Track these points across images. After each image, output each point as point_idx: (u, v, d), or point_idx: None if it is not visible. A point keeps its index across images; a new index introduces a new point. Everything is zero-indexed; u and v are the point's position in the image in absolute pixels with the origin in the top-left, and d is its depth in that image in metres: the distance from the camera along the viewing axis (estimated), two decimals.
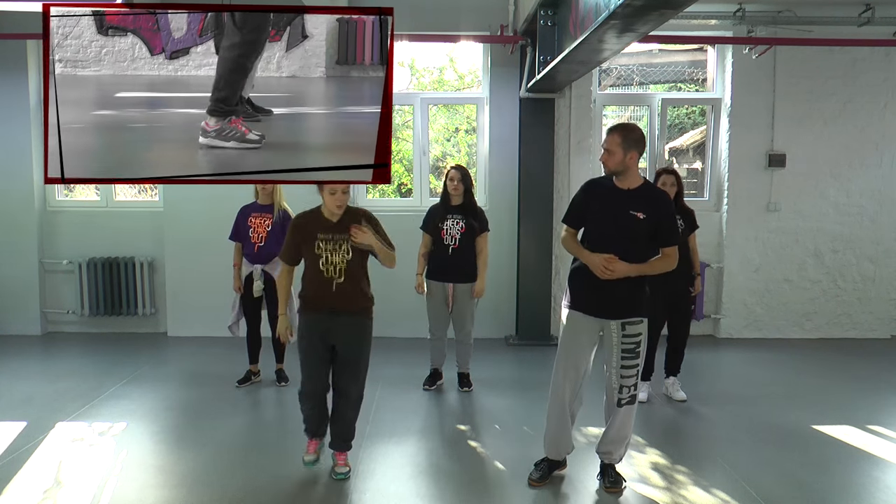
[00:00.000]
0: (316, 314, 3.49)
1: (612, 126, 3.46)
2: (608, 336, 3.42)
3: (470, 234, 4.89)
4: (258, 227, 5.02)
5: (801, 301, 6.88)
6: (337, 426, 3.63)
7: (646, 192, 3.37)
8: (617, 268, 3.25)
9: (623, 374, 3.40)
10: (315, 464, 3.67)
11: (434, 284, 4.99)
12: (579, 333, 3.44)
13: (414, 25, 6.54)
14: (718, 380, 5.65)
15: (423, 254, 5.02)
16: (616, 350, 3.39)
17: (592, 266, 3.30)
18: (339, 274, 3.43)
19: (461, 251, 4.88)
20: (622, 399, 3.43)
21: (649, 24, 3.62)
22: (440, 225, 4.91)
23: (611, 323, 3.39)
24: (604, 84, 7.24)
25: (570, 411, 3.52)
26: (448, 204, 4.95)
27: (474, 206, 4.98)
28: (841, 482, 3.63)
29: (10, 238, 6.82)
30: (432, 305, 5.06)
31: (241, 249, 5.09)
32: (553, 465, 3.60)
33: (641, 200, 3.33)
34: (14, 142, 6.75)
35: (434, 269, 4.98)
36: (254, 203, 5.13)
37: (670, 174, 4.81)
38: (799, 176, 6.77)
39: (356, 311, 3.51)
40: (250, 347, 5.26)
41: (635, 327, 3.39)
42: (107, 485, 3.51)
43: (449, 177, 4.96)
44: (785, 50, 6.53)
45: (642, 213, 3.29)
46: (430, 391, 5.11)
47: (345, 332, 3.49)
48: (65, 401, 4.82)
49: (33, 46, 6.82)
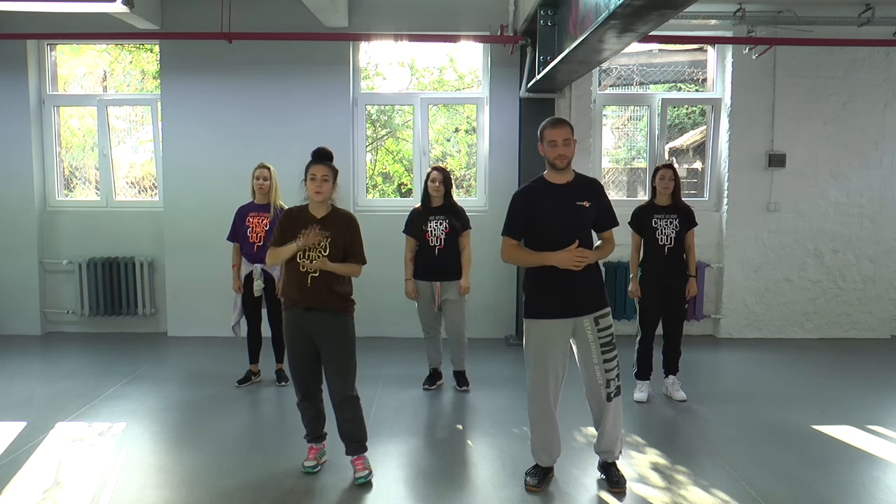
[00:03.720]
0: (295, 310, 3.54)
1: (556, 119, 3.58)
2: (582, 335, 3.41)
3: (453, 233, 4.94)
4: (256, 226, 5.02)
5: (801, 301, 6.88)
6: (342, 430, 3.61)
7: (582, 182, 3.50)
8: (586, 255, 3.30)
9: (607, 368, 3.42)
10: (315, 470, 3.66)
11: (421, 284, 5.02)
12: (553, 340, 3.40)
13: (414, 25, 6.56)
14: (718, 379, 5.65)
15: (410, 258, 5.04)
16: (594, 347, 3.40)
17: (562, 262, 3.30)
18: (315, 269, 3.47)
19: (447, 251, 4.93)
20: (610, 393, 3.44)
21: (649, 24, 3.63)
22: (423, 227, 4.95)
23: (583, 321, 3.39)
24: (604, 84, 7.24)
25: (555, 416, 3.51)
26: (429, 205, 4.99)
27: (455, 206, 5.02)
28: (841, 482, 3.62)
29: (10, 238, 6.82)
30: (422, 305, 5.08)
31: (240, 250, 5.09)
32: (545, 471, 3.58)
33: (582, 190, 3.44)
34: (14, 142, 6.76)
35: (421, 269, 5.00)
36: (251, 203, 5.13)
37: (668, 168, 4.83)
38: (799, 176, 6.77)
39: (333, 307, 3.53)
40: (250, 347, 5.26)
41: (606, 319, 3.44)
42: (107, 485, 3.51)
43: (430, 178, 4.99)
44: (785, 50, 6.53)
45: (587, 202, 3.41)
46: (429, 391, 5.11)
47: (324, 330, 3.52)
48: (65, 401, 4.82)
49: (33, 46, 6.82)
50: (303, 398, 3.65)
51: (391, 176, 8.25)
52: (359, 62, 6.92)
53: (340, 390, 3.55)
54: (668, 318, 4.86)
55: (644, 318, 4.88)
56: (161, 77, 6.73)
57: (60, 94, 7.08)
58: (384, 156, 8.25)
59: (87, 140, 7.33)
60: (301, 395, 3.64)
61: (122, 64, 7.53)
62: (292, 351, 3.59)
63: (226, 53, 6.46)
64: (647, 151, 7.08)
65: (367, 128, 7.16)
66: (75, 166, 7.38)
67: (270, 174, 5.09)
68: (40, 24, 6.44)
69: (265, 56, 6.59)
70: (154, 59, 7.11)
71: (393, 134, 8.24)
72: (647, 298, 4.84)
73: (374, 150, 8.08)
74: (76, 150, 7.40)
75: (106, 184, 7.01)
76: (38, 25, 6.47)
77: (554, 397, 3.47)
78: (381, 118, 8.03)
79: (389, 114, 7.98)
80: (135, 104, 7.26)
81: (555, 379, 3.44)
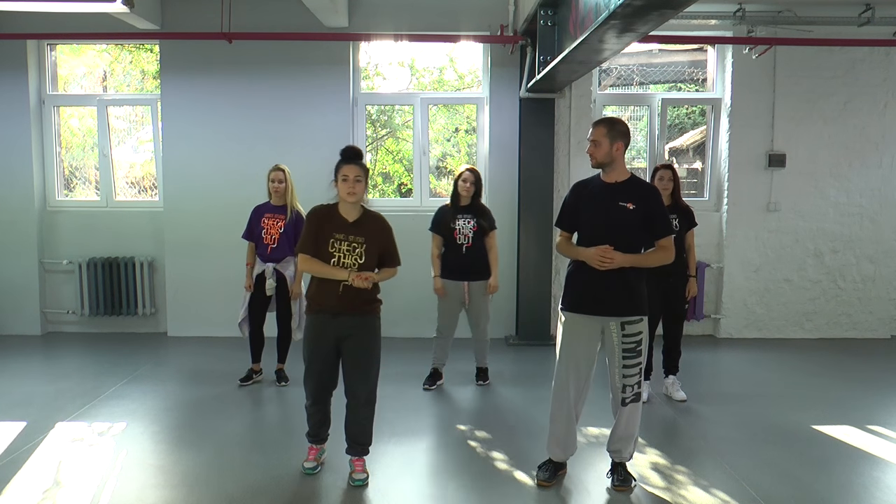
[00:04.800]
0: (323, 314, 3.46)
1: (598, 119, 3.53)
2: (608, 337, 3.42)
3: (481, 232, 4.98)
4: (271, 228, 5.03)
5: (801, 301, 6.88)
6: (351, 430, 3.58)
7: (633, 185, 3.43)
8: (614, 257, 3.27)
9: (626, 374, 3.41)
10: (315, 471, 3.63)
11: (450, 284, 5.03)
12: (580, 335, 3.44)
13: (414, 25, 6.55)
14: (718, 380, 5.65)
15: (437, 255, 5.07)
16: (617, 350, 3.40)
17: (589, 259, 3.32)
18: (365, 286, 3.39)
19: (474, 250, 4.97)
20: (626, 398, 3.44)
21: (649, 24, 3.62)
22: (452, 225, 4.98)
23: (610, 323, 3.39)
24: (604, 84, 7.24)
25: (576, 412, 3.52)
26: (458, 204, 5.02)
27: (482, 207, 5.08)
28: (841, 482, 3.62)
29: (10, 238, 6.82)
30: (445, 305, 5.09)
31: (255, 249, 5.09)
32: (557, 467, 3.59)
33: (629, 192, 3.39)
34: (14, 142, 6.75)
35: (449, 269, 5.03)
36: (267, 203, 5.13)
37: (667, 169, 4.83)
38: (799, 176, 6.77)
39: (363, 311, 3.48)
40: (253, 346, 5.25)
41: (635, 326, 3.40)
42: (107, 485, 3.51)
43: (462, 178, 5.02)
44: (785, 50, 6.53)
45: (632, 204, 3.35)
46: (429, 391, 5.11)
47: (352, 333, 3.46)
48: (65, 401, 4.82)
49: (33, 46, 6.82)
50: (314, 402, 3.58)
51: (391, 176, 8.25)
52: (359, 62, 6.92)
53: (363, 391, 3.51)
54: (668, 319, 4.86)
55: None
56: (161, 77, 6.73)
57: (60, 94, 7.07)
58: (384, 156, 8.25)
59: (87, 140, 7.33)
60: (312, 399, 3.58)
61: (122, 64, 7.53)
62: (314, 356, 3.50)
63: (226, 53, 6.46)
64: (647, 151, 7.08)
65: (367, 128, 7.16)
66: (75, 166, 7.38)
67: (286, 176, 5.08)
68: (40, 24, 6.43)
69: (265, 56, 6.59)
70: (154, 59, 7.11)
71: (393, 134, 8.24)
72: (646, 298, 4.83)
73: (374, 150, 8.09)
74: (76, 150, 7.40)
75: (106, 184, 7.01)
76: (38, 25, 6.47)
77: (576, 393, 3.47)
78: (381, 118, 8.03)
79: (389, 114, 7.98)
80: (135, 104, 7.26)
81: (576, 374, 3.44)
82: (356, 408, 3.55)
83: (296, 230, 4.94)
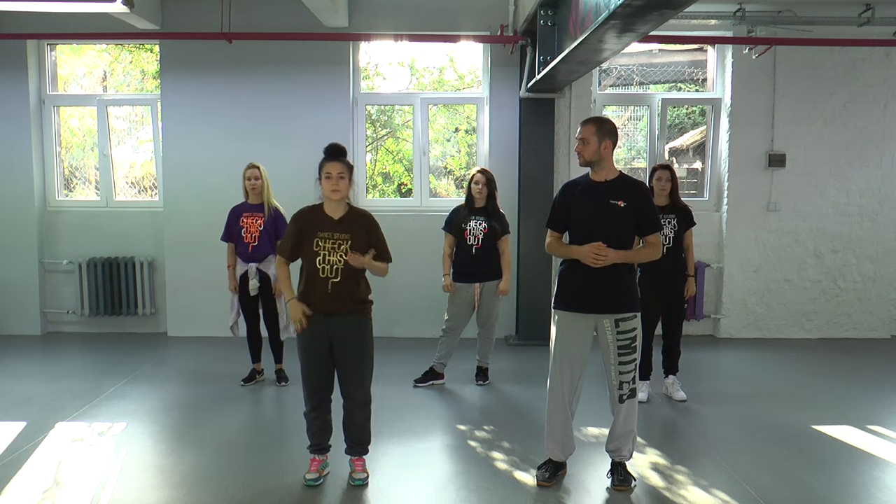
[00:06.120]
0: (315, 315, 3.43)
1: (586, 118, 3.55)
2: (602, 334, 3.44)
3: (492, 235, 5.01)
4: (250, 226, 5.02)
5: (801, 301, 6.88)
6: (349, 430, 3.57)
7: (623, 183, 3.46)
8: (607, 253, 3.29)
9: (621, 371, 3.43)
10: (317, 483, 3.53)
11: (461, 286, 5.06)
12: (572, 333, 3.45)
13: (414, 25, 6.55)
14: (718, 379, 5.65)
15: (448, 254, 5.11)
16: (612, 348, 3.42)
17: (582, 257, 3.33)
18: (335, 273, 3.37)
19: (484, 251, 4.99)
20: (623, 395, 3.45)
21: (649, 24, 3.63)
22: (463, 226, 5.02)
23: (604, 320, 3.41)
24: (604, 84, 7.24)
25: (571, 410, 3.53)
26: (472, 206, 5.05)
27: (497, 210, 5.10)
28: (841, 482, 3.62)
29: (10, 238, 6.82)
30: (456, 305, 5.11)
31: (235, 250, 5.08)
32: (558, 467, 3.60)
33: (619, 190, 3.41)
34: (14, 142, 6.75)
35: (460, 270, 5.07)
36: (244, 203, 5.12)
37: (665, 169, 4.83)
38: (799, 176, 6.77)
39: (353, 311, 3.46)
40: (251, 346, 5.26)
41: (628, 323, 3.42)
42: (107, 485, 3.51)
43: (474, 180, 5.07)
44: (785, 50, 6.53)
45: (622, 202, 3.37)
46: (420, 388, 5.12)
47: (343, 333, 3.44)
48: (65, 401, 4.82)
49: (33, 46, 6.82)
50: (313, 408, 3.53)
51: (391, 176, 8.25)
52: (359, 62, 6.92)
53: (358, 392, 3.50)
54: (668, 318, 4.86)
55: (643, 317, 4.86)
56: (161, 77, 6.73)
57: (60, 94, 7.08)
58: (384, 156, 8.25)
59: (87, 140, 7.33)
60: (311, 404, 3.53)
61: (122, 64, 7.53)
62: (309, 358, 3.47)
63: (226, 53, 6.46)
64: (647, 151, 7.08)
65: (367, 128, 7.16)
66: (75, 166, 7.38)
67: (261, 173, 5.07)
68: (40, 24, 6.43)
69: (265, 56, 6.59)
70: (154, 59, 7.11)
71: (393, 134, 8.24)
72: (646, 298, 4.82)
73: (374, 150, 8.08)
74: (76, 150, 7.40)
75: (106, 184, 7.01)
76: (38, 25, 6.47)
77: (570, 391, 3.48)
78: (381, 118, 8.03)
79: (389, 114, 7.98)
80: (135, 104, 7.26)
81: (570, 372, 3.46)
82: (353, 409, 3.54)
83: (276, 227, 4.95)
